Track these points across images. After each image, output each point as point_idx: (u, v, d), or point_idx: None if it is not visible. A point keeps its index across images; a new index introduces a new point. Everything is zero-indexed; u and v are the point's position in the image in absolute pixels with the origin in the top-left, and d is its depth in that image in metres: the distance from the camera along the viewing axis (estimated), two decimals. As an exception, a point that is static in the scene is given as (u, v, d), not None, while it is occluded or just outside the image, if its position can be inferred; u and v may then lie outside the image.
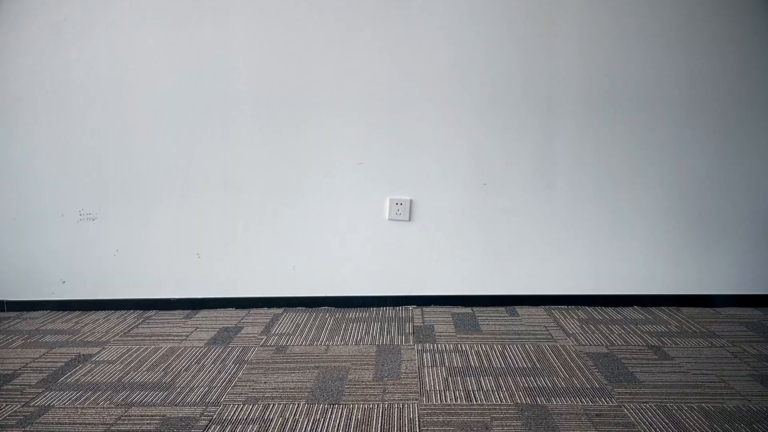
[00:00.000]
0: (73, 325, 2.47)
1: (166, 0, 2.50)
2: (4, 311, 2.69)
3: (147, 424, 1.61)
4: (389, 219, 2.60)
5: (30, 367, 2.03)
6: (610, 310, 2.58)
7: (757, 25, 2.47)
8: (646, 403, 1.70)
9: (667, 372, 1.92)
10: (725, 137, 2.53)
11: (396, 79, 2.53)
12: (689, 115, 2.53)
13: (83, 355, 2.13)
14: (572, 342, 2.20)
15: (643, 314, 2.52)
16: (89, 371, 1.98)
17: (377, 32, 2.51)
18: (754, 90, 2.50)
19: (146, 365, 2.02)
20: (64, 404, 1.74)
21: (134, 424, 1.61)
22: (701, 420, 1.60)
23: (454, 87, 2.54)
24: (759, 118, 2.52)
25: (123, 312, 2.65)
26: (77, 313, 2.65)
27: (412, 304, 2.66)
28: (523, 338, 2.24)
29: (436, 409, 1.68)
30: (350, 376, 1.90)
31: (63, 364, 2.05)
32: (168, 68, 2.55)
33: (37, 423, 1.63)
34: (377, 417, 1.63)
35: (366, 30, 2.51)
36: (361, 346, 2.17)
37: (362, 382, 1.86)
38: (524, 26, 2.50)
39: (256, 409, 1.68)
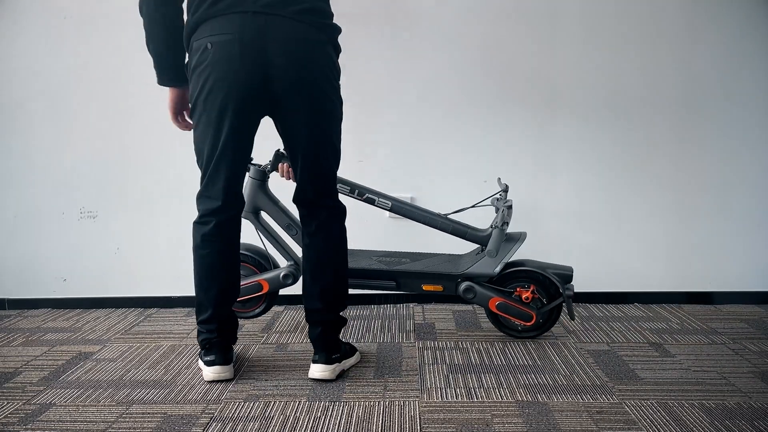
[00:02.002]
0: (74, 323, 2.47)
1: (166, -3, 2.50)
2: (5, 309, 2.69)
3: (148, 421, 1.61)
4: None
5: (31, 365, 2.03)
6: (610, 307, 2.58)
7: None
8: (647, 400, 1.70)
9: (668, 369, 1.92)
10: (729, 134, 2.53)
11: (397, 77, 2.53)
12: (690, 113, 2.53)
13: (84, 353, 2.13)
14: (573, 339, 2.20)
15: (644, 311, 2.51)
16: (90, 369, 1.98)
17: (378, 30, 2.50)
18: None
19: (147, 363, 2.02)
20: (66, 402, 1.74)
21: (135, 421, 1.62)
22: (702, 417, 1.60)
23: (455, 85, 2.53)
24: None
25: (124, 310, 2.65)
26: (78, 311, 2.65)
27: (413, 302, 2.66)
28: (524, 335, 2.24)
29: (437, 406, 1.68)
30: (351, 374, 1.90)
31: (64, 362, 2.05)
32: (168, 66, 2.54)
33: (38, 421, 1.63)
34: (378, 414, 1.63)
35: (367, 27, 2.50)
36: (362, 344, 2.17)
37: (363, 379, 1.86)
38: (525, 26, 2.50)
39: (257, 407, 1.69)
